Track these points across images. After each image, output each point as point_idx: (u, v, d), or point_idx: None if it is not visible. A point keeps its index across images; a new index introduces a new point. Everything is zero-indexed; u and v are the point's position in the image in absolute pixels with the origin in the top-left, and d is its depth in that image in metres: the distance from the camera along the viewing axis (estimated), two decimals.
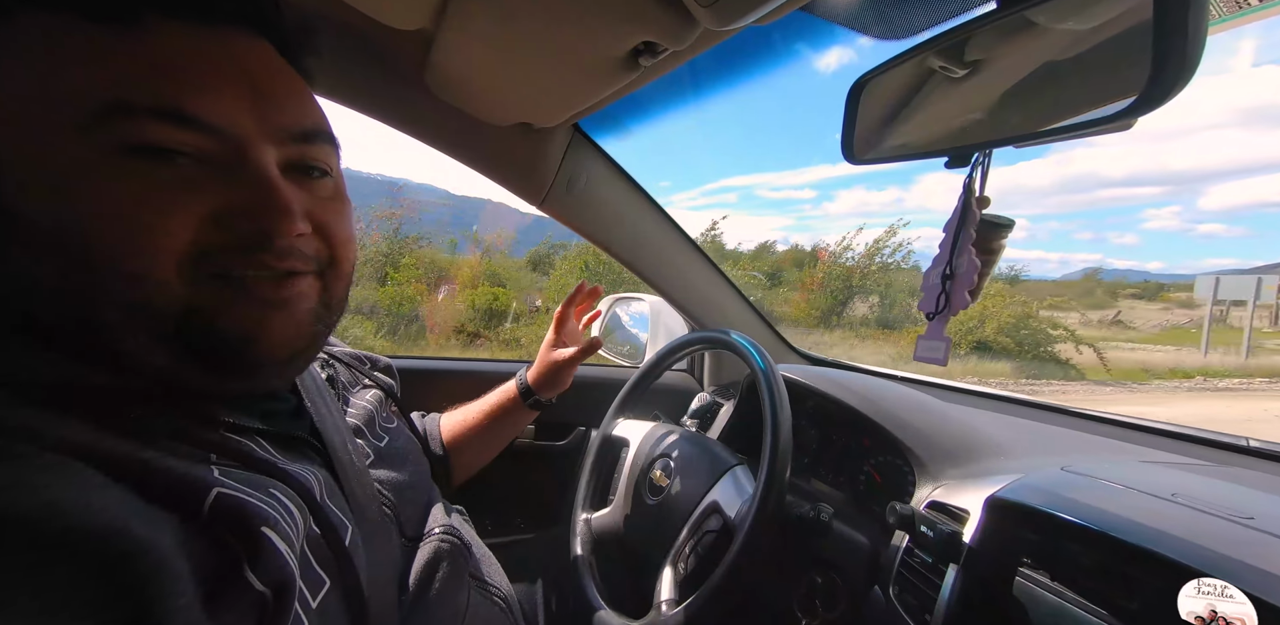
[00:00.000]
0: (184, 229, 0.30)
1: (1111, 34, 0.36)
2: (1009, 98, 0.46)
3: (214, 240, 0.31)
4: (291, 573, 0.30)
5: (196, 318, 0.31)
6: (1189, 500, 0.48)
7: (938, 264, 0.52)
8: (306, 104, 0.37)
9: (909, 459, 0.70)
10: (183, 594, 0.24)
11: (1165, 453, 0.73)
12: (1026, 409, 0.94)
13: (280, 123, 0.34)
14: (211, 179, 0.31)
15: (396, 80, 0.73)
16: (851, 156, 0.54)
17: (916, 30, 0.54)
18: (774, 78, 0.83)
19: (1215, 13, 0.36)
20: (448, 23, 0.56)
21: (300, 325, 0.36)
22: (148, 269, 0.30)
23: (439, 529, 0.52)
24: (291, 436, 0.40)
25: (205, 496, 0.28)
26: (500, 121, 0.79)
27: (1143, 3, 0.27)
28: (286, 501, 0.33)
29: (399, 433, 0.58)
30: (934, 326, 0.53)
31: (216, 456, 0.32)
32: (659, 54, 0.55)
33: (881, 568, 0.63)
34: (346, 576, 0.36)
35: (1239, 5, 0.35)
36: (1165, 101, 0.27)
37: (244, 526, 0.29)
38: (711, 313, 1.16)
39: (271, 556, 0.29)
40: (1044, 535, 0.50)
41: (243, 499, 0.30)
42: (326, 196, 0.38)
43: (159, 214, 0.30)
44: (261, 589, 0.28)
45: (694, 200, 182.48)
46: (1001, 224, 0.51)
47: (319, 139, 0.37)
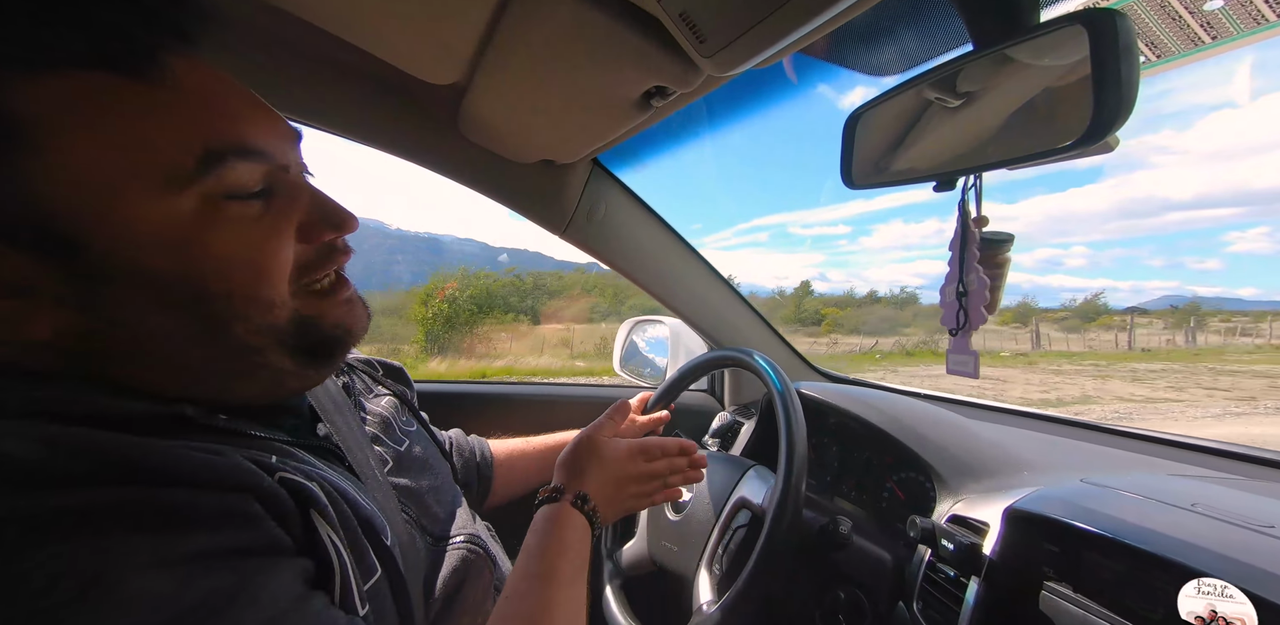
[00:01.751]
0: (287, 254, 0.34)
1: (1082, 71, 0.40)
2: (994, 125, 0.49)
3: (301, 257, 0.35)
4: (329, 557, 0.33)
5: (308, 324, 0.36)
6: (1209, 510, 0.48)
7: (949, 281, 0.54)
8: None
9: (929, 474, 0.71)
10: (297, 527, 0.31)
11: (1198, 468, 0.71)
12: (1051, 425, 0.93)
13: (290, 136, 0.37)
14: (286, 203, 0.34)
15: (431, 127, 0.80)
16: (850, 182, 0.57)
17: (906, 67, 0.59)
18: (786, 115, 0.89)
19: (1147, 58, 0.39)
20: (479, 76, 0.62)
21: (366, 314, 0.42)
22: (271, 294, 0.33)
23: (463, 537, 0.53)
24: (315, 446, 0.42)
25: (274, 472, 0.33)
26: (525, 159, 0.86)
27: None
28: (324, 498, 0.35)
29: (419, 436, 0.59)
30: (958, 341, 0.54)
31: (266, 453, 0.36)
32: (669, 96, 0.60)
33: (905, 583, 0.63)
34: (392, 571, 0.38)
35: (1158, 56, 0.39)
36: (1105, 136, 0.31)
37: (302, 504, 0.33)
38: (730, 333, 1.18)
39: (317, 540, 0.33)
40: (1064, 546, 0.51)
41: (299, 481, 0.34)
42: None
43: (270, 246, 0.33)
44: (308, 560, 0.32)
45: (726, 240, 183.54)
46: (1001, 239, 0.53)
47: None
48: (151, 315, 0.30)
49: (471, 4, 0.50)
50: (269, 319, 0.33)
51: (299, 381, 0.39)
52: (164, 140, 0.28)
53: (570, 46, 0.52)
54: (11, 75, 0.25)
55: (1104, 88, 0.30)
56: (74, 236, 0.27)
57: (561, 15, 0.48)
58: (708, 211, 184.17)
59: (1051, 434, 0.88)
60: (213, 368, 0.34)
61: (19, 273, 0.27)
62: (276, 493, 0.31)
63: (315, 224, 0.36)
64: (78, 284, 0.28)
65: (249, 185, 0.31)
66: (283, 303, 0.34)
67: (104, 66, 0.27)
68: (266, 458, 0.34)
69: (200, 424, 0.34)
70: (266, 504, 0.30)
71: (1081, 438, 0.87)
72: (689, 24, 0.43)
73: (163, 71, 0.29)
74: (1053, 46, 0.35)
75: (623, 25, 0.48)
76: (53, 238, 0.27)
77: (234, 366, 0.34)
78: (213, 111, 0.30)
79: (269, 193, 0.33)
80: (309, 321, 0.36)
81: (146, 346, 0.31)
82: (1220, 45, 0.39)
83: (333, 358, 0.39)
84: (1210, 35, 0.39)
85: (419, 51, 0.60)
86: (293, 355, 0.36)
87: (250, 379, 0.36)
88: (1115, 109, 0.30)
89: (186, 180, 0.29)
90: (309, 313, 0.36)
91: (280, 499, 0.31)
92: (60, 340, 0.29)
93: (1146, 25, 0.41)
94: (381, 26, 0.57)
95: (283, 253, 0.33)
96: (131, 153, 0.27)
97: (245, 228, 0.31)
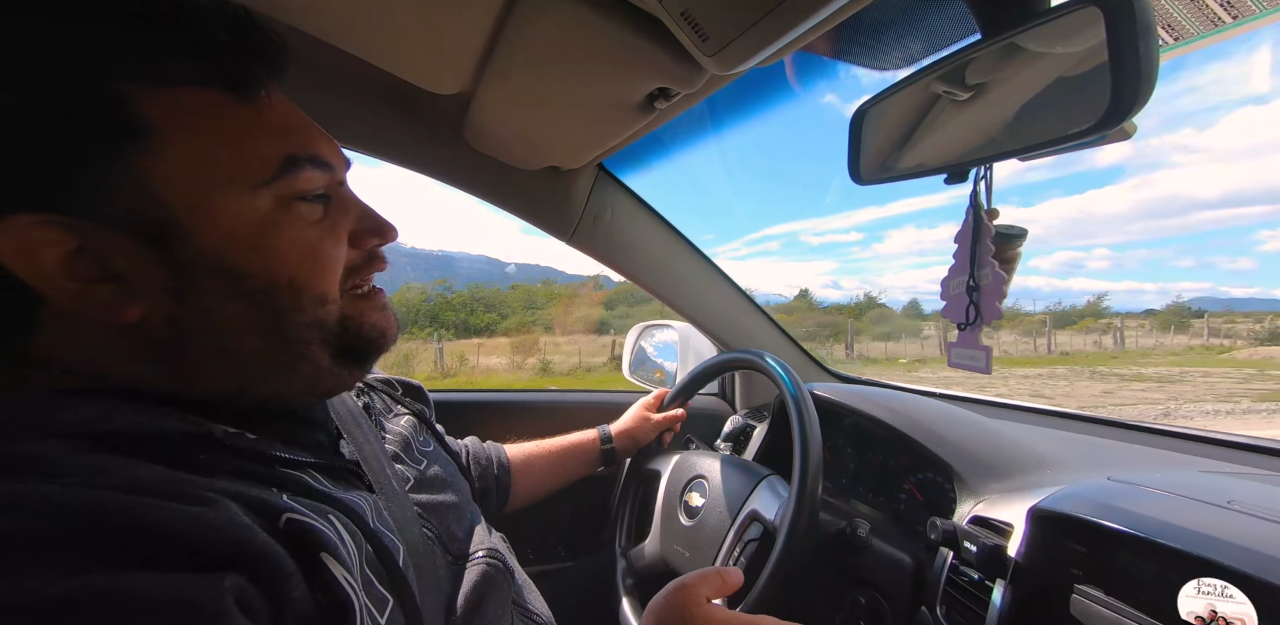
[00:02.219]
0: (341, 253, 0.38)
1: (1098, 57, 0.39)
2: (1005, 115, 0.48)
3: (349, 261, 0.39)
4: (348, 595, 0.32)
5: (350, 324, 0.39)
6: (1247, 507, 0.46)
7: (955, 274, 0.53)
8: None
9: (949, 474, 0.69)
10: (297, 587, 0.29)
11: (1230, 464, 0.69)
12: (1074, 422, 0.91)
13: (343, 158, 0.41)
14: (341, 210, 0.39)
15: (437, 137, 0.81)
16: (858, 178, 0.57)
17: (912, 61, 0.58)
18: (794, 122, 0.90)
19: (1164, 41, 0.38)
20: (483, 85, 0.63)
21: (397, 322, 0.44)
22: (325, 290, 0.37)
23: (483, 551, 0.53)
24: (338, 466, 0.42)
25: (279, 518, 0.31)
26: (531, 166, 0.86)
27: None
28: (341, 529, 0.35)
29: (436, 456, 0.60)
30: (966, 336, 0.53)
31: (278, 489, 0.35)
32: (672, 97, 0.60)
33: (927, 587, 0.61)
34: (404, 595, 0.37)
35: (1176, 38, 0.37)
36: (1124, 120, 0.30)
37: (310, 549, 0.31)
38: (739, 336, 1.17)
39: (330, 581, 0.31)
40: (1092, 546, 0.49)
41: (309, 523, 0.32)
42: None
43: (328, 244, 0.37)
44: (325, 603, 0.31)
45: (737, 251, 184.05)
46: (1014, 234, 0.52)
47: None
48: (227, 302, 0.33)
49: (473, 12, 0.50)
50: (320, 314, 0.37)
51: (333, 381, 0.40)
52: (256, 148, 0.33)
53: (573, 50, 0.52)
54: (147, 87, 0.30)
55: (1122, 70, 0.29)
56: (175, 227, 0.31)
57: (563, 19, 0.48)
58: (718, 223, 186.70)
59: (1071, 431, 0.86)
60: (265, 359, 0.36)
61: (122, 258, 0.30)
62: (268, 553, 0.28)
63: (363, 232, 0.40)
64: (172, 270, 0.31)
65: (315, 189, 0.36)
66: (334, 300, 0.37)
67: (218, 85, 0.32)
68: (276, 497, 0.32)
69: (228, 445, 0.34)
70: (256, 568, 0.27)
71: (1104, 434, 0.85)
72: (691, 23, 0.43)
73: (259, 93, 0.34)
74: (1065, 32, 0.34)
75: (624, 27, 0.48)
76: (158, 227, 0.30)
77: (282, 359, 0.36)
78: (291, 127, 0.36)
79: (328, 199, 0.38)
80: (352, 322, 0.39)
81: (216, 333, 0.33)
82: (1242, 24, 0.38)
83: (365, 360, 0.41)
84: (1231, 15, 0.38)
85: (422, 62, 0.61)
86: (333, 354, 0.38)
87: (292, 374, 0.37)
88: (1135, 91, 0.29)
89: (268, 182, 0.33)
90: (352, 313, 0.39)
91: (271, 561, 0.28)
92: (146, 325, 0.31)
93: (1162, 6, 0.40)
94: (384, 38, 0.57)
95: (337, 252, 0.37)
96: (231, 157, 0.32)
97: (309, 227, 0.36)
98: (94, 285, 0.30)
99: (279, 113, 0.35)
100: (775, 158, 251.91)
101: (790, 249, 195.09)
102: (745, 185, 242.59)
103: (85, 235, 0.29)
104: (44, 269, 0.29)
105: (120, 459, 0.29)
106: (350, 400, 0.53)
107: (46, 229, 0.28)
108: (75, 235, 0.29)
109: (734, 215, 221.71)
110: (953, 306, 0.53)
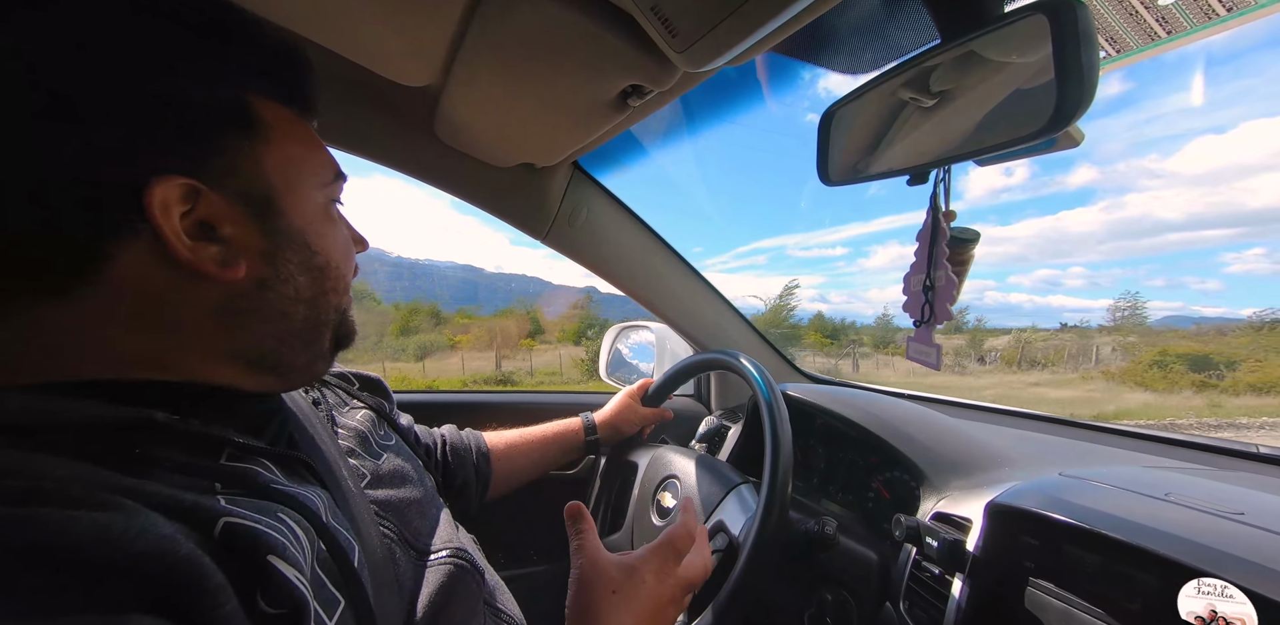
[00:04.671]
0: (354, 252, 0.45)
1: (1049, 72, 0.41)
2: (966, 121, 0.50)
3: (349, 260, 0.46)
4: (303, 596, 0.31)
5: (344, 315, 0.45)
6: (1182, 499, 0.48)
7: (916, 271, 0.54)
8: None
9: (914, 472, 0.71)
10: (226, 602, 0.26)
11: (1172, 460, 0.72)
12: (1032, 422, 0.94)
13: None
14: (343, 218, 0.46)
15: (408, 131, 0.79)
16: (827, 179, 0.58)
17: (878, 64, 0.60)
18: (773, 129, 0.91)
19: (1107, 52, 0.40)
20: (453, 78, 0.62)
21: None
22: (347, 277, 0.44)
23: (448, 551, 0.51)
24: (290, 456, 0.40)
25: (214, 525, 0.29)
26: (504, 163, 0.85)
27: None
28: (293, 524, 0.34)
29: (398, 449, 0.58)
30: (922, 332, 0.55)
31: (221, 486, 0.33)
32: (645, 95, 0.60)
33: (892, 583, 0.62)
34: (356, 596, 0.36)
35: (1118, 51, 0.40)
36: (1067, 125, 0.31)
37: (252, 554, 0.30)
38: (716, 336, 1.18)
39: (280, 583, 0.30)
40: (1044, 539, 0.50)
41: (249, 526, 0.30)
42: None
43: (346, 241, 0.44)
44: (273, 612, 0.29)
45: (726, 264, 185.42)
46: (968, 238, 0.54)
47: None
48: (300, 274, 0.39)
49: (441, 2, 0.50)
50: (342, 300, 0.44)
51: (323, 365, 0.44)
52: (323, 158, 0.42)
53: (543, 45, 0.52)
54: (265, 98, 0.38)
55: (1066, 76, 0.31)
56: (275, 204, 0.38)
57: (533, 12, 0.48)
58: (708, 236, 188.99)
59: (1030, 430, 0.89)
60: (300, 331, 0.41)
61: (230, 226, 0.36)
62: (190, 566, 0.26)
63: (353, 239, 0.47)
64: (270, 239, 0.38)
65: (339, 196, 0.44)
66: (348, 289, 0.44)
67: (298, 108, 0.41)
68: (212, 501, 0.31)
69: (173, 431, 0.33)
70: (170, 583, 0.25)
71: (1060, 433, 0.88)
72: (661, 18, 0.43)
73: (314, 120, 0.43)
74: (1017, 38, 0.36)
75: (595, 22, 0.48)
76: (264, 202, 0.37)
77: (309, 334, 0.41)
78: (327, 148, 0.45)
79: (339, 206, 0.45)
80: (345, 313, 0.45)
81: (284, 298, 0.39)
82: (1176, 39, 0.40)
83: (340, 350, 0.46)
84: (1165, 30, 0.40)
85: (390, 52, 0.60)
86: (331, 339, 0.44)
87: (306, 350, 0.42)
88: (1077, 97, 0.30)
89: (326, 185, 0.42)
90: (344, 306, 0.45)
91: (193, 574, 0.26)
92: (241, 284, 0.36)
93: (1106, 20, 0.42)
94: (351, 27, 0.56)
95: (350, 247, 0.45)
96: (311, 160, 0.41)
97: (338, 225, 0.44)
98: (205, 244, 0.35)
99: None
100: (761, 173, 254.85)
101: (778, 263, 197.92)
102: (733, 199, 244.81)
103: (206, 202, 0.34)
104: (174, 224, 0.33)
105: (41, 456, 0.27)
106: (299, 395, 0.52)
107: (184, 190, 0.33)
108: (201, 200, 0.34)
109: (724, 229, 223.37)
110: (912, 303, 0.55)
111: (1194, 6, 0.38)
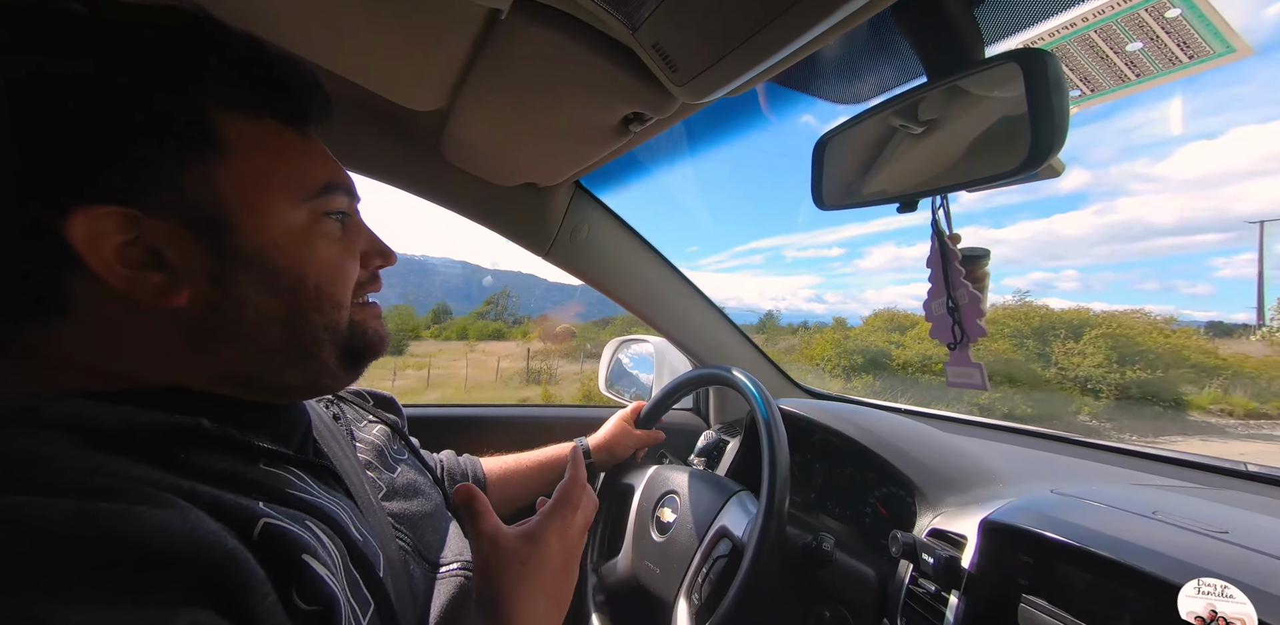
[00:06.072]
0: (355, 267, 0.43)
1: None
2: (952, 151, 0.52)
3: (360, 275, 0.44)
4: (334, 593, 0.32)
5: (357, 329, 0.43)
6: (1168, 517, 0.49)
7: (934, 297, 0.54)
8: None
9: (910, 488, 0.72)
10: (267, 595, 0.28)
11: (1160, 477, 0.74)
12: (1026, 438, 0.95)
13: (356, 191, 0.46)
14: (355, 231, 0.44)
15: (416, 153, 0.82)
16: (821, 203, 0.60)
17: (869, 97, 0.62)
18: (770, 143, 0.93)
19: (1082, 91, 0.43)
20: (462, 102, 0.64)
21: (388, 331, 0.48)
22: (340, 296, 0.41)
23: (459, 563, 0.53)
24: (319, 465, 0.43)
25: (255, 524, 0.31)
26: (508, 182, 0.88)
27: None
28: (321, 534, 0.35)
29: (410, 464, 0.60)
30: (958, 355, 0.54)
31: (258, 491, 0.35)
32: (646, 121, 0.63)
33: (889, 600, 0.63)
34: (382, 601, 0.38)
35: (1092, 90, 0.42)
36: (1042, 163, 0.33)
37: (288, 553, 0.31)
38: (714, 351, 1.19)
39: (313, 580, 0.32)
40: (1036, 557, 0.51)
41: (286, 527, 0.32)
42: None
43: (345, 258, 0.42)
44: (307, 608, 0.31)
45: (723, 263, 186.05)
46: (978, 255, 0.55)
47: None
48: (262, 295, 0.37)
49: (452, 34, 0.52)
50: (335, 317, 0.41)
51: (332, 380, 0.43)
52: (305, 171, 0.39)
53: (549, 75, 0.55)
54: (225, 109, 0.35)
55: (1038, 119, 0.33)
56: (228, 223, 0.35)
57: (539, 45, 0.50)
58: (703, 235, 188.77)
59: (1024, 446, 0.90)
60: (282, 351, 0.39)
61: (175, 250, 0.34)
62: (236, 559, 0.28)
63: (370, 254, 0.46)
64: (218, 260, 0.35)
65: (339, 208, 0.41)
66: (346, 306, 0.42)
67: (281, 117, 0.38)
68: (253, 503, 0.32)
69: (215, 438, 0.35)
70: (221, 574, 0.27)
71: (1052, 450, 0.89)
72: (662, 55, 0.45)
73: (310, 129, 0.41)
74: (996, 80, 0.38)
75: (599, 55, 0.50)
76: (213, 222, 0.35)
77: (296, 353, 0.40)
78: (329, 159, 0.42)
79: (346, 218, 0.43)
80: (359, 327, 0.43)
81: (247, 321, 0.37)
82: (1144, 82, 0.43)
83: (362, 363, 0.45)
84: (1134, 73, 0.43)
85: (400, 79, 0.62)
86: (339, 355, 0.42)
87: (301, 369, 0.40)
88: (1050, 138, 0.33)
89: (309, 199, 0.39)
90: (359, 320, 0.44)
91: (240, 566, 0.28)
92: (189, 308, 0.35)
93: (1079, 63, 0.45)
94: (363, 55, 0.58)
95: (352, 265, 0.43)
96: (284, 174, 0.38)
97: (332, 240, 0.41)
98: (145, 272, 0.33)
99: (320, 147, 0.42)
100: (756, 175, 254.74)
101: (774, 263, 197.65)
102: (731, 198, 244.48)
103: (147, 228, 0.33)
104: (104, 255, 0.32)
105: (111, 457, 0.29)
106: (320, 409, 0.53)
107: (116, 219, 0.32)
108: (137, 227, 0.32)
109: (719, 229, 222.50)
110: (938, 328, 0.54)
111: (1159, 53, 0.40)
